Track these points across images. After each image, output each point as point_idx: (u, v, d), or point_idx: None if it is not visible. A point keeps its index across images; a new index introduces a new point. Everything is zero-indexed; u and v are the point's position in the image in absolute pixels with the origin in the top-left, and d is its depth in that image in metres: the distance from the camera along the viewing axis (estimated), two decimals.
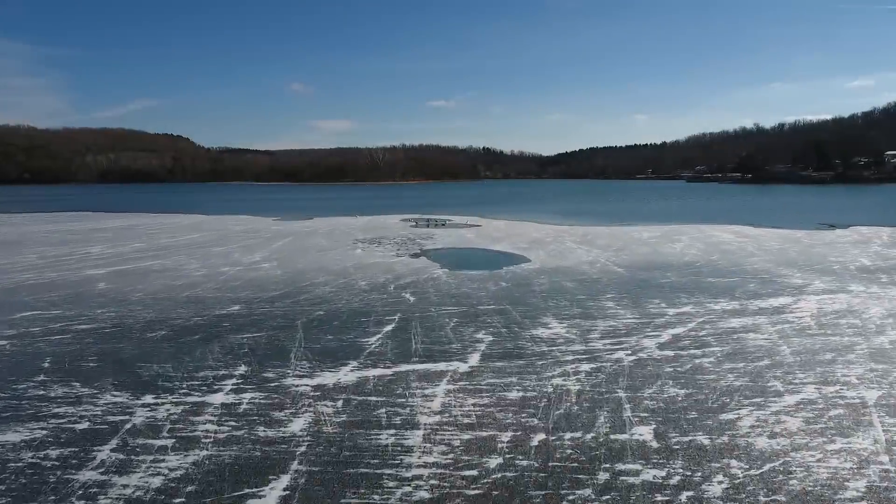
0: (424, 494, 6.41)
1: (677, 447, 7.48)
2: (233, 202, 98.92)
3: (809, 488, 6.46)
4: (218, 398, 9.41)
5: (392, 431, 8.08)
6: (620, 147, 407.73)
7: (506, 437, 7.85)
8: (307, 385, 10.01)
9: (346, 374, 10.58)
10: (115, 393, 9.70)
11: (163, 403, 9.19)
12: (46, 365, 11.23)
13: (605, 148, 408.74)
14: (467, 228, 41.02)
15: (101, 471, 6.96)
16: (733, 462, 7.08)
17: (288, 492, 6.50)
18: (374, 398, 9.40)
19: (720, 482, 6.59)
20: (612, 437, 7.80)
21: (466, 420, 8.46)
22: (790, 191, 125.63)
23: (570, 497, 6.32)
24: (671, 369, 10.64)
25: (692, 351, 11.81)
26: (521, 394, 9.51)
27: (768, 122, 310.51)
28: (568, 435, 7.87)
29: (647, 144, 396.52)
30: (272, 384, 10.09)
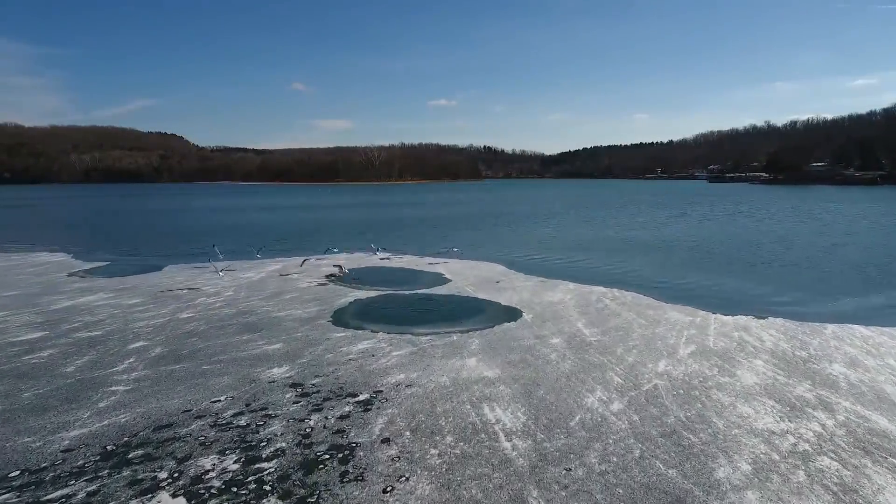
0: None
1: None
2: (144, 214, 73.32)
3: None
4: None
5: None
6: (625, 146, 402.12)
7: None
8: None
9: None
10: None
11: None
12: None
13: (609, 147, 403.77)
14: (486, 339, 14.52)
15: None
16: None
17: None
18: None
19: None
20: None
21: None
22: (867, 195, 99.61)
23: None
24: None
25: None
26: None
27: (770, 121, 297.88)
28: None
29: (653, 143, 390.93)
30: None
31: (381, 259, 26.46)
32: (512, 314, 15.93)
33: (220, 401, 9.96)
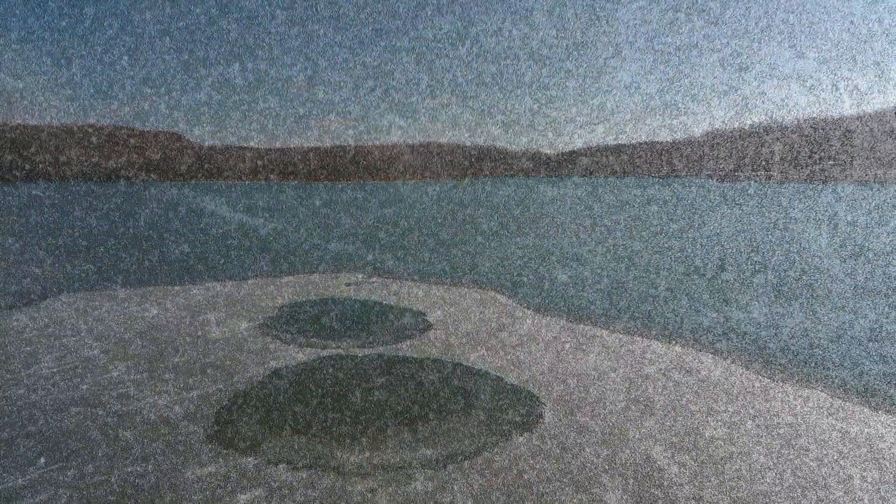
0: None
1: None
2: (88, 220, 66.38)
3: None
4: None
5: None
6: (626, 145, 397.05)
7: None
8: None
9: None
10: None
11: None
12: None
13: (610, 146, 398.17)
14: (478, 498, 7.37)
15: None
16: None
17: None
18: None
19: None
20: None
21: None
22: None
23: None
24: None
25: None
26: None
27: (776, 119, 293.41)
28: None
29: (654, 142, 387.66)
30: None
31: (346, 285, 19.79)
32: (526, 415, 9.11)
33: None
